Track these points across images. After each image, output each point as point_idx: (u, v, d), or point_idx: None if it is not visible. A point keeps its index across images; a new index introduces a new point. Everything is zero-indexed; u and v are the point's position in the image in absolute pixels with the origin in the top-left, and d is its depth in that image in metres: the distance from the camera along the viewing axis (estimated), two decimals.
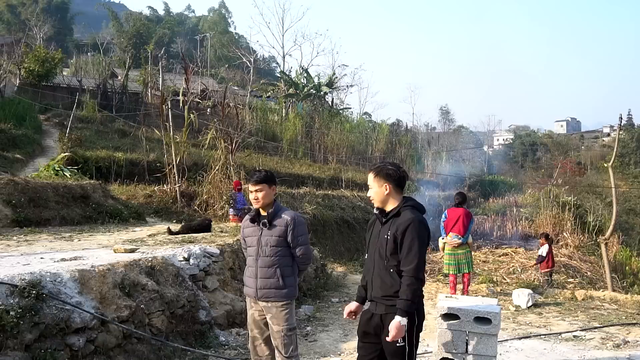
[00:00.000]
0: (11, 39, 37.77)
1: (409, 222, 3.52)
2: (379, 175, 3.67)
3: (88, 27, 69.59)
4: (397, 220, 3.57)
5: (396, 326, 3.40)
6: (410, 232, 3.49)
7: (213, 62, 56.84)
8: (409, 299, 3.43)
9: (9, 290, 4.48)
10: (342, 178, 26.38)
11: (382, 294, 3.59)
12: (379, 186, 3.66)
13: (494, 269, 14.86)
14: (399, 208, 3.62)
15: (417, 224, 3.52)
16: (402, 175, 3.70)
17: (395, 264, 3.54)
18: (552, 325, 7.70)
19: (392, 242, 3.54)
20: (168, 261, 6.44)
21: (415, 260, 3.46)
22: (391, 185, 3.65)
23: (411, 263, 3.46)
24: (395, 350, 3.51)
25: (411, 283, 3.45)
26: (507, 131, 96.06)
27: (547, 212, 22.23)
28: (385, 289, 3.57)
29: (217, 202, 14.19)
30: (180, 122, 17.52)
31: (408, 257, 3.48)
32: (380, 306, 3.61)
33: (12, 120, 19.39)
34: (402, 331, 3.42)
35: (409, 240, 3.48)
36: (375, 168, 3.73)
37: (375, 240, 3.69)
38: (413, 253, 3.47)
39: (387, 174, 3.66)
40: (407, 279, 3.46)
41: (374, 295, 3.65)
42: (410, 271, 3.46)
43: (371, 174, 3.71)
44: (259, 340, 4.51)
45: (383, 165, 3.74)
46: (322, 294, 9.54)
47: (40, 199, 10.28)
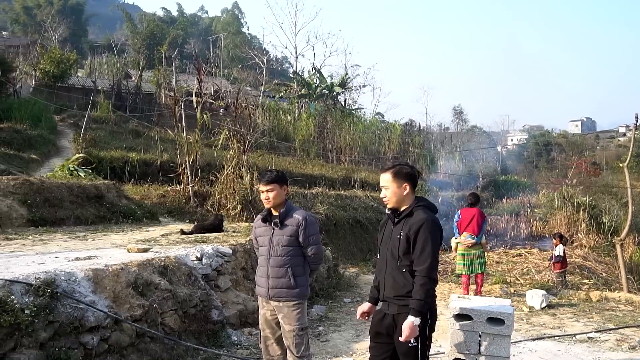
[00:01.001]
0: (27, 40, 38.21)
1: (422, 221, 3.51)
2: (398, 175, 3.65)
3: (102, 28, 70.36)
4: (410, 220, 3.56)
5: (409, 326, 3.40)
6: (424, 232, 3.48)
7: (226, 63, 57.01)
8: (422, 299, 3.43)
9: (24, 289, 4.52)
10: (355, 178, 26.33)
11: (394, 294, 3.58)
12: (398, 186, 3.65)
13: (508, 270, 14.76)
14: (411, 208, 3.62)
15: (430, 224, 3.52)
16: (417, 175, 3.72)
17: (407, 264, 3.53)
18: (567, 326, 7.63)
19: (404, 242, 3.53)
20: (181, 261, 6.47)
21: (429, 260, 3.45)
22: (410, 185, 3.64)
23: (424, 263, 3.45)
24: (408, 350, 3.51)
25: (424, 283, 3.44)
26: (521, 131, 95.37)
27: (562, 212, 22.05)
28: (397, 289, 3.56)
29: (229, 202, 14.23)
30: (193, 122, 17.57)
31: (421, 257, 3.47)
32: (392, 306, 3.60)
33: (27, 121, 19.56)
34: (415, 331, 3.42)
35: (422, 240, 3.48)
36: (393, 168, 3.70)
37: (388, 240, 3.69)
38: (426, 253, 3.46)
39: (406, 173, 3.66)
40: (420, 278, 3.45)
41: (386, 295, 3.64)
42: (423, 271, 3.45)
43: (388, 174, 3.68)
44: (271, 340, 4.52)
45: (400, 165, 3.73)
46: (334, 294, 9.54)
47: (55, 198, 10.37)
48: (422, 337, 3.51)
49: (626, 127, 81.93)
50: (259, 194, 14.24)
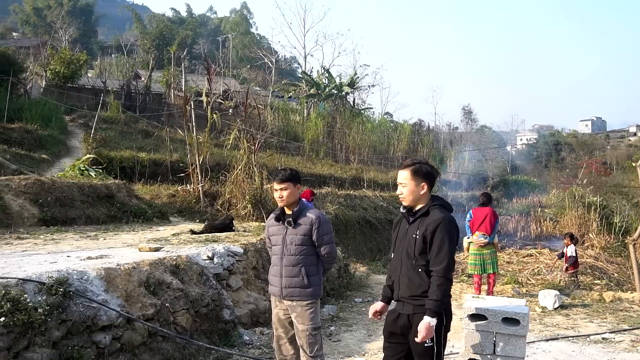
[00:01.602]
0: (37, 41, 38.50)
1: (439, 221, 3.45)
2: (417, 173, 3.58)
3: (112, 29, 70.64)
4: (426, 220, 3.51)
5: (425, 327, 3.36)
6: (441, 232, 3.43)
7: (235, 63, 57.10)
8: (439, 300, 3.38)
9: (37, 288, 4.52)
10: (364, 178, 26.30)
11: (409, 294, 3.53)
12: (416, 185, 3.58)
13: (519, 270, 14.66)
14: (427, 207, 3.56)
15: (447, 223, 3.46)
16: (435, 174, 3.66)
17: (423, 263, 3.48)
18: (580, 327, 7.56)
19: (421, 241, 3.48)
20: (192, 260, 6.46)
21: (446, 260, 3.40)
22: (427, 184, 3.59)
23: (441, 263, 3.40)
24: (424, 350, 3.46)
25: (441, 283, 3.39)
26: (530, 131, 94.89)
27: (572, 212, 21.89)
28: (412, 289, 3.51)
29: (239, 201, 14.22)
30: (203, 122, 17.62)
31: (438, 257, 3.42)
32: (407, 306, 3.55)
33: (38, 121, 19.68)
34: (431, 332, 3.37)
35: (439, 239, 3.42)
36: (412, 166, 3.62)
37: (403, 239, 3.63)
38: (443, 253, 3.41)
39: (425, 172, 3.59)
40: (437, 279, 3.40)
41: (401, 295, 3.59)
42: (440, 271, 3.40)
43: (406, 172, 3.61)
44: (284, 339, 4.49)
45: (420, 163, 3.65)
46: (345, 293, 9.51)
47: (67, 198, 10.41)
48: (437, 337, 3.47)
49: (637, 126, 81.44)
50: (269, 194, 14.28)
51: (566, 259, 12.03)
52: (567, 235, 12.55)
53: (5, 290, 4.26)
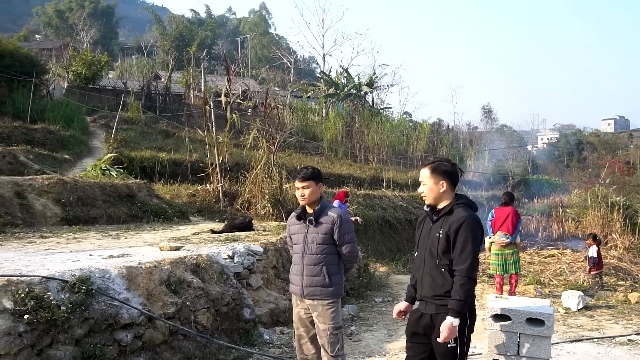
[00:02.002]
0: (60, 43, 38.98)
1: (463, 220, 3.39)
2: (436, 171, 3.55)
3: (132, 30, 71.39)
4: (450, 218, 3.45)
5: (448, 327, 3.31)
6: (464, 231, 3.37)
7: (254, 63, 57.33)
8: (462, 300, 3.32)
9: (60, 286, 4.55)
10: (383, 178, 26.21)
11: (432, 294, 3.48)
12: (435, 183, 3.55)
13: (540, 271, 14.47)
14: (451, 206, 3.51)
15: (471, 222, 3.40)
16: (457, 172, 3.61)
17: (447, 263, 3.42)
18: (605, 328, 7.43)
19: (444, 240, 3.42)
20: (213, 259, 6.47)
21: (469, 259, 3.34)
22: (447, 182, 3.54)
23: (465, 262, 3.34)
24: (447, 351, 3.41)
25: (464, 283, 3.33)
26: (551, 130, 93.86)
27: (595, 212, 21.53)
28: (435, 289, 3.46)
29: (259, 201, 14.26)
30: (222, 122, 17.70)
31: (461, 256, 3.36)
32: (430, 306, 3.51)
33: (60, 122, 19.93)
34: (454, 332, 3.32)
35: (462, 238, 3.37)
36: (431, 164, 3.60)
37: (426, 238, 3.58)
38: (467, 252, 3.35)
39: (444, 170, 3.56)
40: (460, 278, 3.34)
41: (424, 294, 3.54)
42: (463, 271, 3.34)
43: (426, 170, 3.59)
44: (305, 338, 4.46)
45: (440, 162, 3.62)
46: (365, 293, 9.47)
47: (88, 197, 10.51)
48: (461, 337, 3.41)
49: None
50: (288, 193, 14.29)
51: (588, 260, 11.83)
52: (589, 236, 12.33)
53: (29, 289, 4.30)
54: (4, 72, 21.17)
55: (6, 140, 16.07)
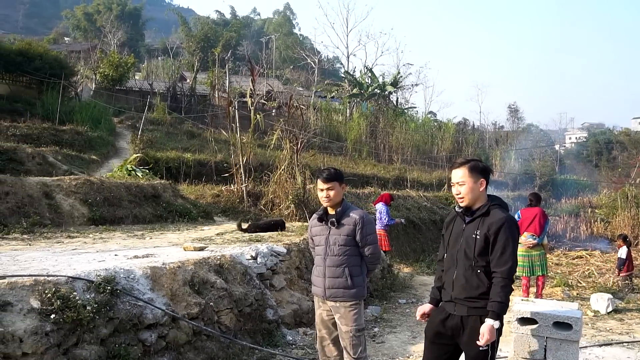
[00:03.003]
0: (88, 45, 39.64)
1: (503, 221, 3.35)
2: (475, 170, 3.49)
3: (158, 32, 72.23)
4: (488, 219, 3.40)
5: (489, 329, 3.25)
6: (505, 232, 3.33)
7: (278, 64, 57.53)
8: (503, 302, 3.27)
9: (86, 286, 4.61)
10: (407, 178, 26.06)
11: (465, 295, 3.42)
12: (474, 182, 3.47)
13: (568, 272, 14.22)
14: (487, 206, 3.45)
15: (511, 224, 3.37)
16: (490, 171, 3.60)
17: (483, 264, 3.37)
18: (636, 332, 7.26)
19: (482, 241, 3.37)
20: (236, 259, 6.49)
21: (510, 261, 3.30)
22: (486, 181, 3.50)
23: (505, 264, 3.30)
24: (479, 354, 3.35)
25: (505, 285, 3.28)
26: (580, 129, 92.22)
27: (625, 213, 21.11)
28: (469, 290, 3.40)
29: (283, 201, 14.29)
30: (246, 123, 17.79)
31: (502, 258, 3.31)
32: (461, 307, 3.44)
33: (88, 123, 20.27)
34: (494, 335, 3.26)
35: (502, 240, 3.32)
36: (468, 163, 3.54)
37: (459, 239, 3.51)
38: (508, 254, 3.31)
39: (483, 168, 3.52)
40: (500, 280, 3.29)
41: (455, 296, 3.47)
42: (504, 272, 3.29)
43: (463, 170, 3.50)
44: (327, 340, 4.44)
45: (475, 160, 3.57)
46: (388, 295, 9.40)
47: (115, 198, 10.66)
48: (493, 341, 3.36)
49: None
50: (312, 194, 14.29)
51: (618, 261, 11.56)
52: (619, 237, 12.05)
53: (56, 288, 4.36)
54: (34, 75, 21.64)
55: (36, 141, 16.40)
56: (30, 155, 13.69)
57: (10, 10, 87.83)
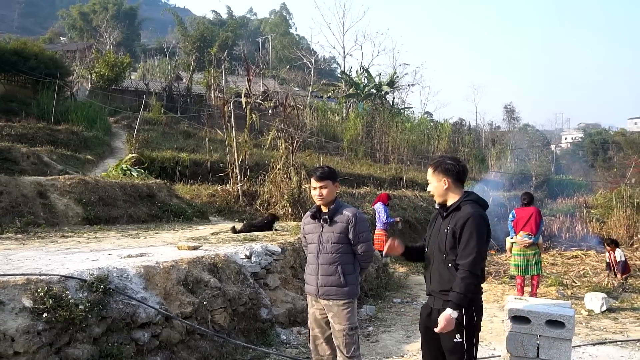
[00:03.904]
0: (83, 45, 39.56)
1: (468, 216, 3.46)
2: (438, 169, 3.66)
3: (155, 32, 72.00)
4: (457, 215, 3.53)
5: (445, 318, 3.36)
6: (469, 226, 3.43)
7: (274, 64, 57.45)
8: (461, 293, 3.37)
9: (78, 285, 4.61)
10: (403, 178, 26.04)
11: (440, 289, 3.56)
12: (438, 181, 3.66)
13: (564, 272, 14.24)
14: (459, 202, 3.59)
15: (476, 218, 3.46)
16: (461, 170, 3.68)
17: (453, 258, 3.49)
18: (629, 331, 7.28)
19: (451, 236, 3.50)
20: (230, 259, 6.49)
21: (472, 254, 3.39)
22: (450, 180, 3.63)
23: (468, 257, 3.40)
24: (454, 346, 3.47)
25: (465, 277, 3.38)
26: (576, 129, 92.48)
27: (620, 213, 21.14)
28: (443, 284, 3.53)
29: (278, 201, 14.28)
30: (242, 123, 17.76)
31: (465, 251, 3.42)
32: (437, 301, 3.59)
33: (84, 123, 20.24)
34: (451, 324, 3.37)
35: (467, 234, 3.43)
36: (434, 163, 3.73)
37: (436, 234, 3.66)
38: (470, 247, 3.41)
39: (445, 168, 3.64)
40: (461, 272, 3.41)
41: (432, 289, 3.64)
42: (465, 265, 3.40)
43: (430, 169, 3.73)
44: (320, 339, 4.44)
45: (442, 160, 3.73)
46: (383, 294, 9.41)
47: (109, 197, 10.64)
48: (468, 333, 3.46)
49: None
50: (307, 193, 14.28)
51: (616, 264, 11.44)
52: (611, 243, 11.82)
53: (48, 287, 4.36)
54: (30, 74, 21.60)
55: (31, 141, 16.36)
56: (25, 154, 13.66)
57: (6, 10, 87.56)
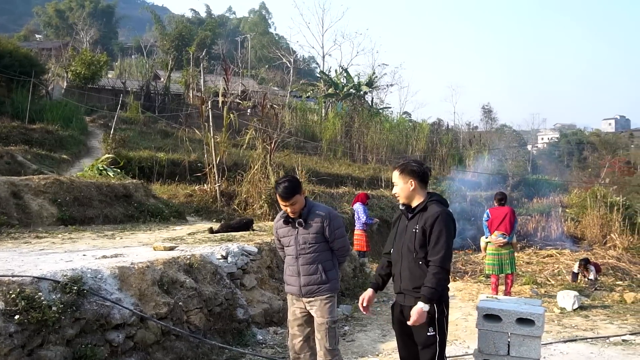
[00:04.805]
0: (59, 43, 38.96)
1: (437, 214, 3.64)
2: (404, 172, 3.81)
3: (132, 30, 71.39)
4: (425, 214, 3.69)
5: (418, 312, 3.52)
6: (439, 224, 3.61)
7: (253, 63, 57.30)
8: (434, 287, 3.55)
9: (52, 286, 4.57)
10: (382, 178, 26.16)
11: (412, 286, 3.69)
12: (404, 182, 3.80)
13: (538, 271, 14.46)
14: (425, 202, 3.75)
15: (444, 216, 3.65)
16: (425, 172, 3.85)
17: (423, 256, 3.65)
18: (600, 328, 7.43)
19: (420, 235, 3.65)
20: (206, 259, 6.48)
21: (443, 250, 3.58)
22: (416, 181, 3.78)
23: (438, 253, 3.58)
24: (427, 339, 3.64)
25: (437, 272, 3.56)
26: (552, 130, 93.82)
27: (594, 212, 21.52)
28: (415, 281, 3.67)
29: (256, 201, 14.27)
30: (220, 122, 17.69)
31: (436, 248, 3.59)
32: (409, 298, 3.72)
33: (59, 122, 19.92)
34: (423, 317, 3.53)
35: (437, 231, 3.60)
36: (400, 165, 3.87)
37: (403, 234, 3.81)
38: (441, 244, 3.59)
39: (411, 170, 3.80)
40: (433, 268, 3.57)
41: (404, 287, 3.76)
42: (437, 261, 3.57)
43: (396, 171, 3.86)
44: (299, 337, 4.50)
45: (407, 162, 3.88)
46: (360, 293, 9.40)
47: (85, 198, 10.52)
48: (440, 326, 3.64)
49: None
50: None
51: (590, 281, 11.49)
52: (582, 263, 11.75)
53: (20, 289, 4.32)
54: (3, 72, 21.19)
55: (4, 140, 16.07)
56: None
57: None
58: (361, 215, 11.63)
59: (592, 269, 11.61)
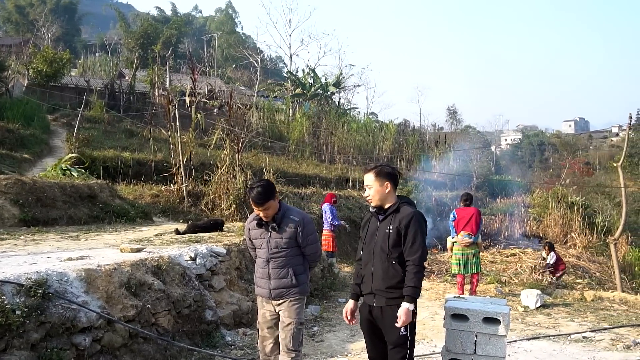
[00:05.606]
0: (19, 39, 37.99)
1: (412, 215, 3.75)
2: (380, 174, 3.89)
3: (96, 27, 70.08)
4: (398, 215, 3.79)
5: (405, 312, 3.61)
6: (414, 225, 3.72)
7: (220, 63, 56.88)
8: (416, 286, 3.65)
9: (15, 290, 4.47)
10: (349, 178, 26.30)
11: (385, 286, 3.76)
12: (380, 185, 3.87)
13: (502, 270, 14.76)
14: (397, 204, 3.84)
15: (418, 217, 3.78)
16: (397, 175, 3.96)
17: (397, 255, 3.74)
18: (561, 326, 7.63)
19: (395, 235, 3.74)
20: (174, 261, 6.42)
21: (420, 250, 3.70)
22: (391, 184, 3.87)
23: (416, 253, 3.69)
24: (399, 338, 3.70)
25: (417, 271, 3.68)
26: (514, 131, 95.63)
27: (555, 212, 22.06)
28: (387, 280, 3.75)
29: (223, 201, 14.18)
30: (187, 122, 17.53)
31: (413, 247, 3.70)
32: (380, 298, 3.78)
33: (20, 121, 19.43)
34: (410, 317, 3.63)
35: (412, 232, 3.71)
36: (375, 169, 3.94)
37: (374, 236, 3.87)
38: (417, 243, 3.70)
39: (387, 173, 3.89)
40: (413, 267, 3.68)
41: (376, 287, 3.81)
42: (416, 260, 3.68)
43: (371, 174, 3.91)
44: (269, 339, 4.50)
45: (382, 165, 3.97)
46: (328, 294, 9.51)
47: (48, 198, 10.29)
48: (411, 326, 3.74)
49: (619, 127, 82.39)
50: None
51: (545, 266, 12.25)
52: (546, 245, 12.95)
53: None
54: None
55: None
56: None
57: None
58: (329, 216, 11.68)
59: (553, 255, 12.16)
